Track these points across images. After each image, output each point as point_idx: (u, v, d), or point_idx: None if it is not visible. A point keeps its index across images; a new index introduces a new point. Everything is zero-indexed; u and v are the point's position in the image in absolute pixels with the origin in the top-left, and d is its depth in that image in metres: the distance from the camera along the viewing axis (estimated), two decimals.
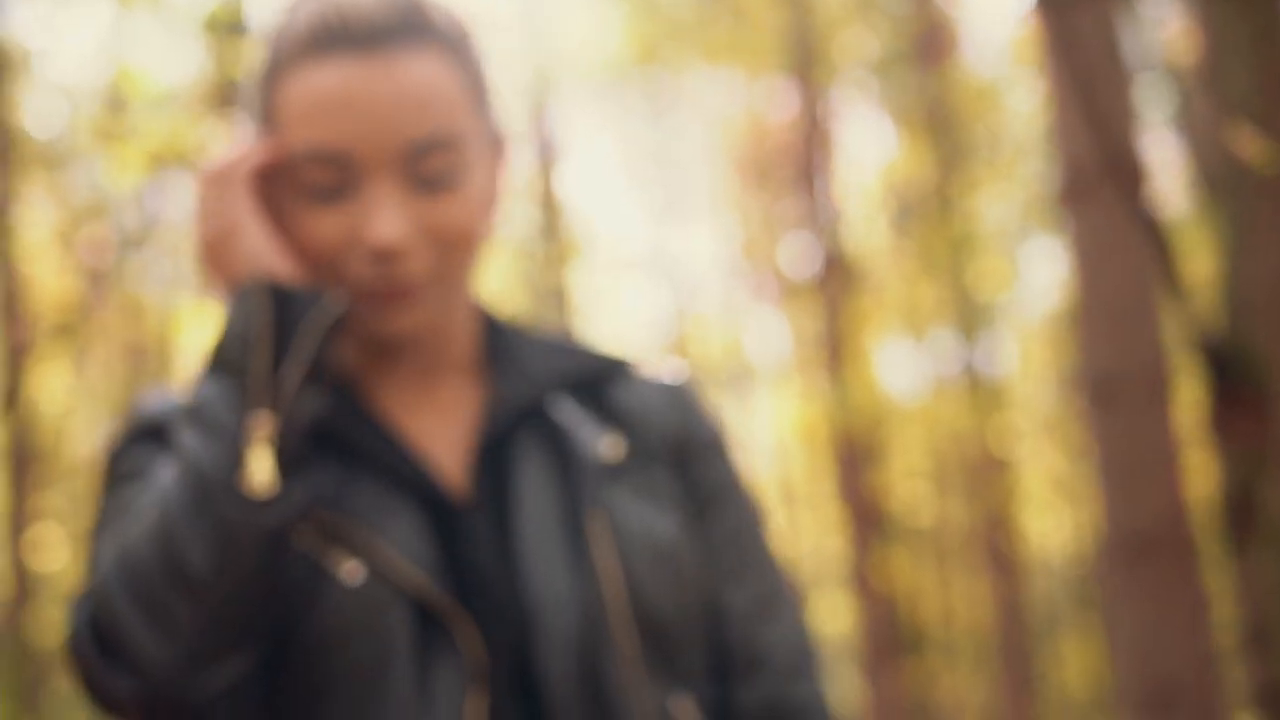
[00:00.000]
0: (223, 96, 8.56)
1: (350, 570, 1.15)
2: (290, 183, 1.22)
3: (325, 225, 1.21)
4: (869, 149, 12.55)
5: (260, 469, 1.13)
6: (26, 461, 7.27)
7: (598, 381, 1.31)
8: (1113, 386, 3.88)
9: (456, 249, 1.24)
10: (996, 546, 10.24)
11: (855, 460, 10.19)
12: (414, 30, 1.24)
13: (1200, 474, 4.98)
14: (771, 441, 14.65)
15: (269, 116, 1.23)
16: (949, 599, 11.94)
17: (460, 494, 1.22)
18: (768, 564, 1.30)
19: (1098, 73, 3.28)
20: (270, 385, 1.16)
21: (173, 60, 8.76)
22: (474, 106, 1.26)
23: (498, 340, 1.31)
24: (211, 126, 8.83)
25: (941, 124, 10.44)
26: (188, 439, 1.15)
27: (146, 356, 9.95)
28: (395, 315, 1.23)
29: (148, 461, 1.21)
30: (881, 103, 11.57)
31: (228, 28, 8.38)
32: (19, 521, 7.05)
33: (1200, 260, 5.16)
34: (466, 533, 1.20)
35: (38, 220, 8.43)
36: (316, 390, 1.18)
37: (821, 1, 10.60)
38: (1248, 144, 2.50)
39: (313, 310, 1.18)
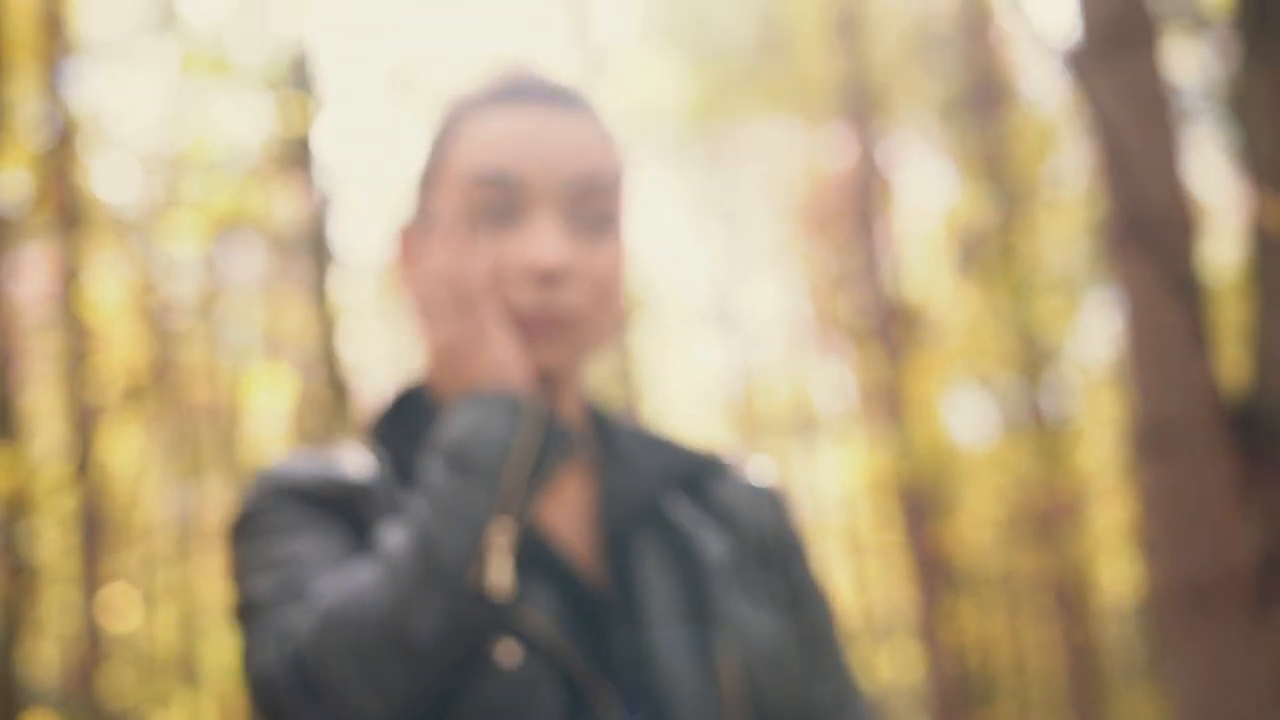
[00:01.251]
0: (289, 156, 8.72)
1: (508, 650, 1.21)
2: (457, 205, 1.29)
3: (487, 247, 1.28)
4: (930, 194, 12.54)
5: (501, 570, 1.21)
6: (98, 524, 7.39)
7: (701, 479, 1.37)
8: (1162, 436, 3.87)
9: (604, 294, 1.31)
10: (1067, 594, 10.13)
11: (921, 509, 10.13)
12: (578, 97, 1.35)
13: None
14: (839, 491, 14.60)
15: (443, 163, 1.31)
16: (1020, 648, 11.80)
17: (596, 581, 1.29)
18: (843, 662, 1.37)
19: (1131, 129, 3.29)
20: (518, 496, 1.24)
21: (238, 121, 8.93)
22: (622, 172, 1.35)
23: (602, 428, 1.37)
24: (278, 187, 8.99)
25: (1002, 168, 10.43)
26: (431, 522, 1.22)
27: (217, 419, 10.10)
28: (548, 346, 1.29)
29: (301, 519, 1.27)
30: (941, 147, 11.58)
31: (292, 85, 8.54)
32: (91, 583, 7.16)
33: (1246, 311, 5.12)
34: (605, 619, 1.26)
35: (109, 285, 8.60)
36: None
37: (878, 47, 10.65)
38: (1271, 206, 2.52)
39: (563, 439, 1.27)
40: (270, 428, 10.06)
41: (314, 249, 8.54)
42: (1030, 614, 11.74)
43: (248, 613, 1.24)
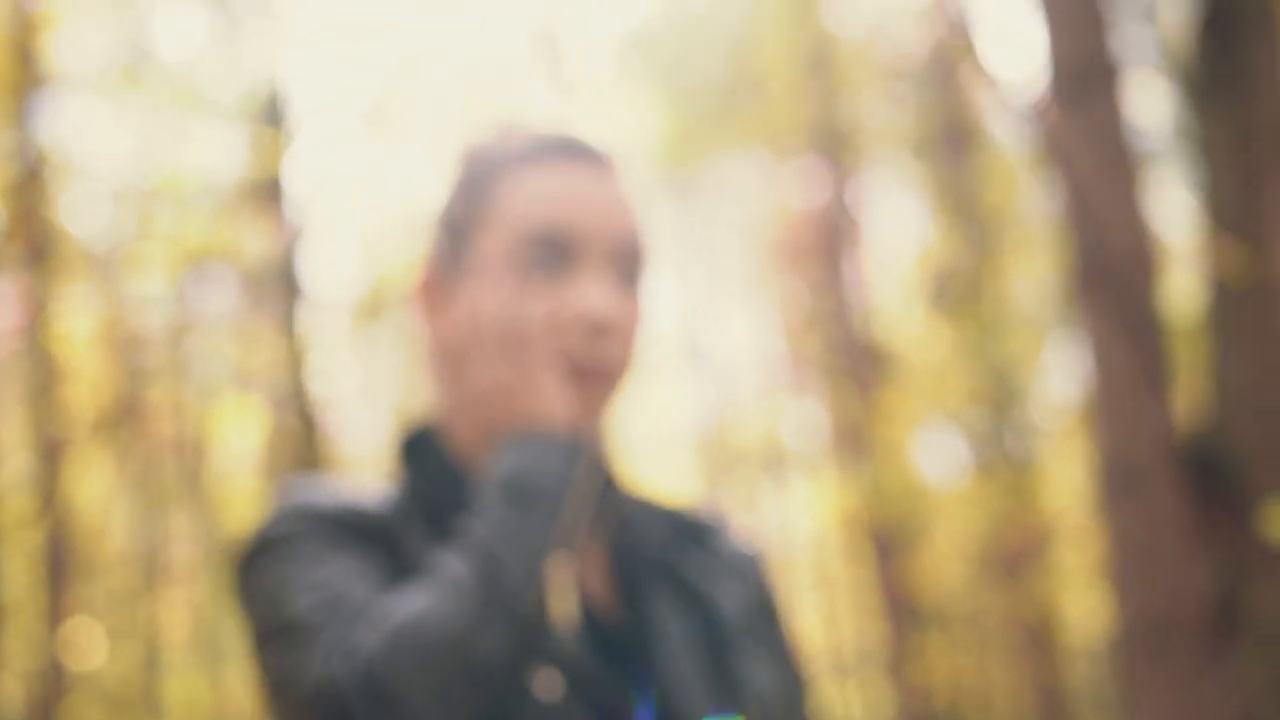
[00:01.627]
0: (260, 191, 8.72)
1: (549, 682, 1.29)
2: (508, 253, 1.37)
3: (539, 296, 1.35)
4: (902, 233, 12.62)
5: (564, 599, 1.31)
6: (64, 559, 7.34)
7: (695, 539, 1.46)
8: (1125, 477, 3.89)
9: (636, 347, 1.40)
10: (1035, 633, 10.14)
11: (890, 547, 10.15)
12: (615, 159, 1.44)
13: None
14: (810, 528, 14.61)
15: (486, 212, 1.38)
16: (989, 686, 11.81)
17: (616, 622, 1.38)
18: None
19: (1094, 174, 3.33)
20: (574, 530, 1.32)
21: (210, 155, 8.93)
22: (647, 231, 1.45)
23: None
24: (249, 222, 8.98)
25: (972, 206, 10.50)
26: (495, 549, 1.28)
27: (184, 453, 10.06)
28: (594, 393, 1.38)
29: (334, 544, 1.33)
30: (911, 185, 11.65)
31: (264, 120, 8.55)
32: (55, 617, 7.11)
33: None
34: (625, 657, 1.34)
35: (78, 318, 8.57)
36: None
37: (848, 85, 10.72)
38: (1228, 253, 2.55)
39: (610, 479, 1.38)
40: (239, 463, 10.02)
41: (284, 284, 8.54)
42: (999, 652, 11.76)
43: (290, 632, 1.28)
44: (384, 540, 1.35)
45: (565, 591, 1.31)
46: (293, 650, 1.28)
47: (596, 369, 1.36)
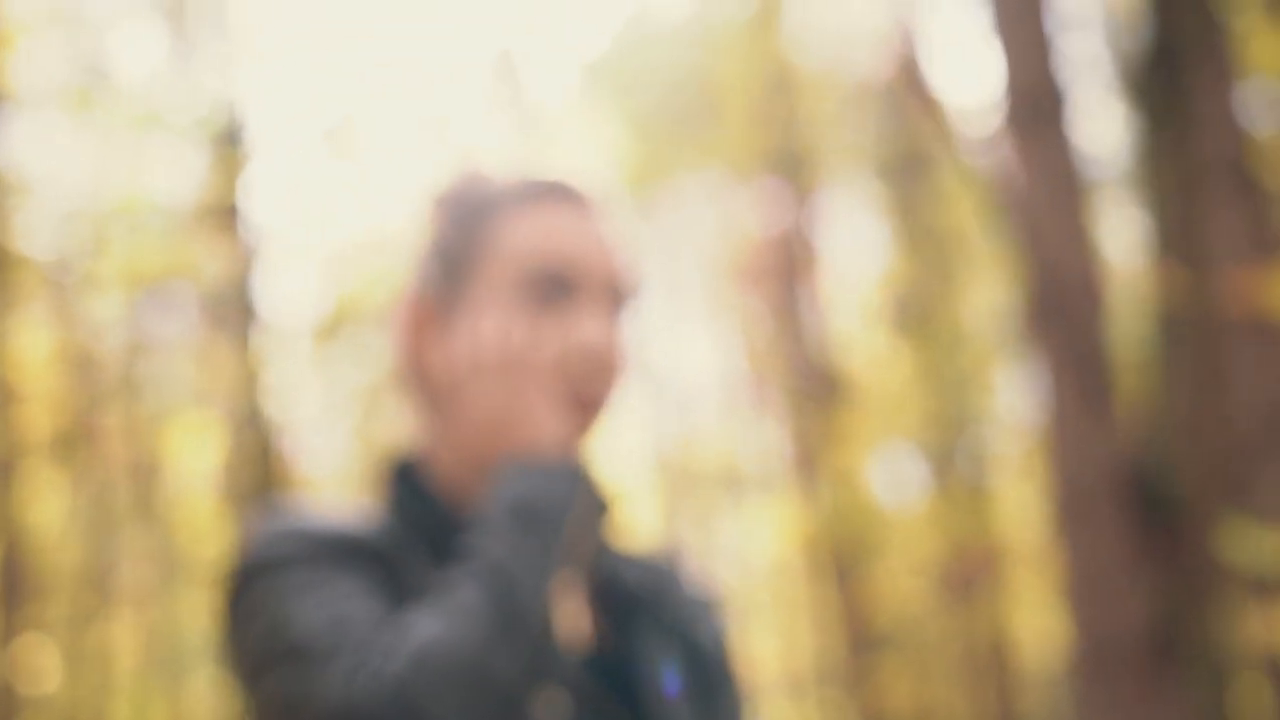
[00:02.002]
0: (217, 212, 8.69)
1: (558, 703, 1.33)
2: (510, 288, 1.43)
3: (540, 327, 1.42)
4: (860, 256, 12.69)
5: (570, 623, 1.36)
6: (16, 580, 7.29)
7: (664, 580, 1.52)
8: (1074, 504, 3.93)
9: (621, 380, 1.46)
10: (991, 654, 10.19)
11: (846, 570, 10.18)
12: (596, 199, 1.50)
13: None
14: (769, 549, 14.65)
15: (484, 248, 1.45)
16: (944, 708, 11.85)
17: (602, 650, 1.44)
18: None
19: (1043, 204, 3.37)
20: (577, 553, 1.37)
21: (167, 176, 8.90)
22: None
23: None
24: (206, 243, 8.95)
25: (931, 230, 10.57)
26: (507, 570, 1.32)
27: (139, 475, 10.01)
28: (589, 421, 1.44)
29: (333, 566, 1.35)
30: (872, 209, 11.72)
31: (222, 141, 8.53)
32: (7, 638, 7.05)
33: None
34: (617, 684, 1.40)
35: (32, 338, 8.52)
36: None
37: (807, 109, 10.78)
38: (1173, 282, 2.59)
39: (606, 505, 1.41)
40: (195, 484, 9.97)
41: (241, 305, 8.51)
42: (955, 674, 11.81)
43: (298, 655, 1.29)
44: (377, 564, 1.38)
45: (571, 615, 1.36)
46: (304, 673, 1.29)
47: (594, 399, 1.43)
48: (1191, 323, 2.86)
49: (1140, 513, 2.83)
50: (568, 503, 1.36)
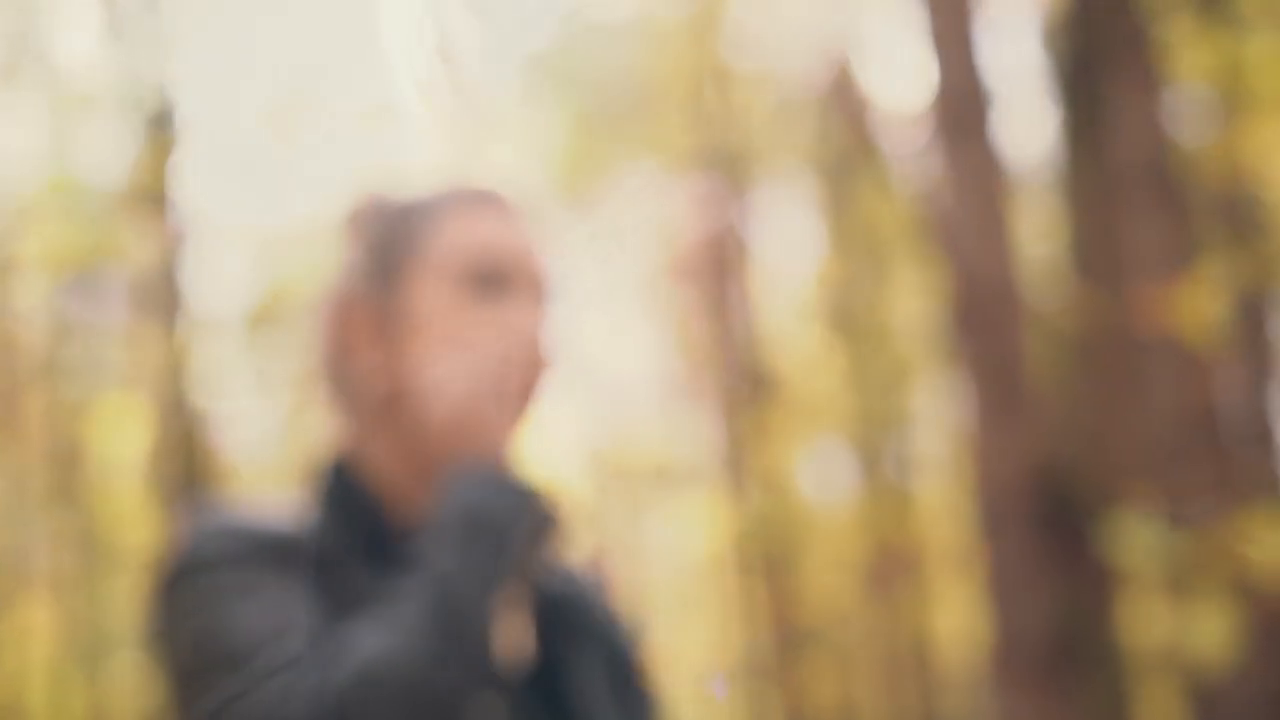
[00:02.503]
0: (146, 196, 8.60)
1: (494, 712, 1.33)
2: (449, 291, 1.45)
3: (488, 329, 1.43)
4: (792, 254, 12.76)
5: (518, 631, 1.35)
6: None
7: (587, 596, 1.53)
8: (991, 507, 3.96)
9: (552, 373, 1.48)
10: (914, 653, 10.27)
11: (773, 566, 10.23)
12: (521, 204, 1.53)
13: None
14: (698, 545, 14.69)
15: (420, 252, 1.47)
16: (868, 706, 11.94)
17: (534, 659, 1.44)
18: None
19: (966, 213, 3.40)
20: (524, 564, 1.36)
21: (94, 159, 8.80)
22: None
23: None
24: (135, 227, 8.85)
25: (863, 231, 10.63)
26: (452, 582, 1.31)
27: (60, 461, 9.89)
28: (515, 420, 1.43)
29: (270, 572, 1.34)
30: (805, 208, 11.78)
31: (152, 124, 8.44)
32: None
33: None
34: (551, 694, 1.42)
35: None
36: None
37: (743, 106, 10.82)
38: (1085, 288, 2.61)
39: (555, 518, 1.41)
40: (119, 472, 9.86)
41: (167, 291, 8.42)
42: (878, 674, 11.90)
43: (231, 663, 1.27)
44: (312, 566, 1.36)
45: (513, 629, 1.35)
46: (237, 683, 1.27)
47: (531, 396, 1.44)
48: (1104, 332, 2.89)
49: (1050, 516, 2.86)
50: (519, 516, 1.35)
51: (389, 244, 1.45)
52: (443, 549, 1.32)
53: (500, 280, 1.45)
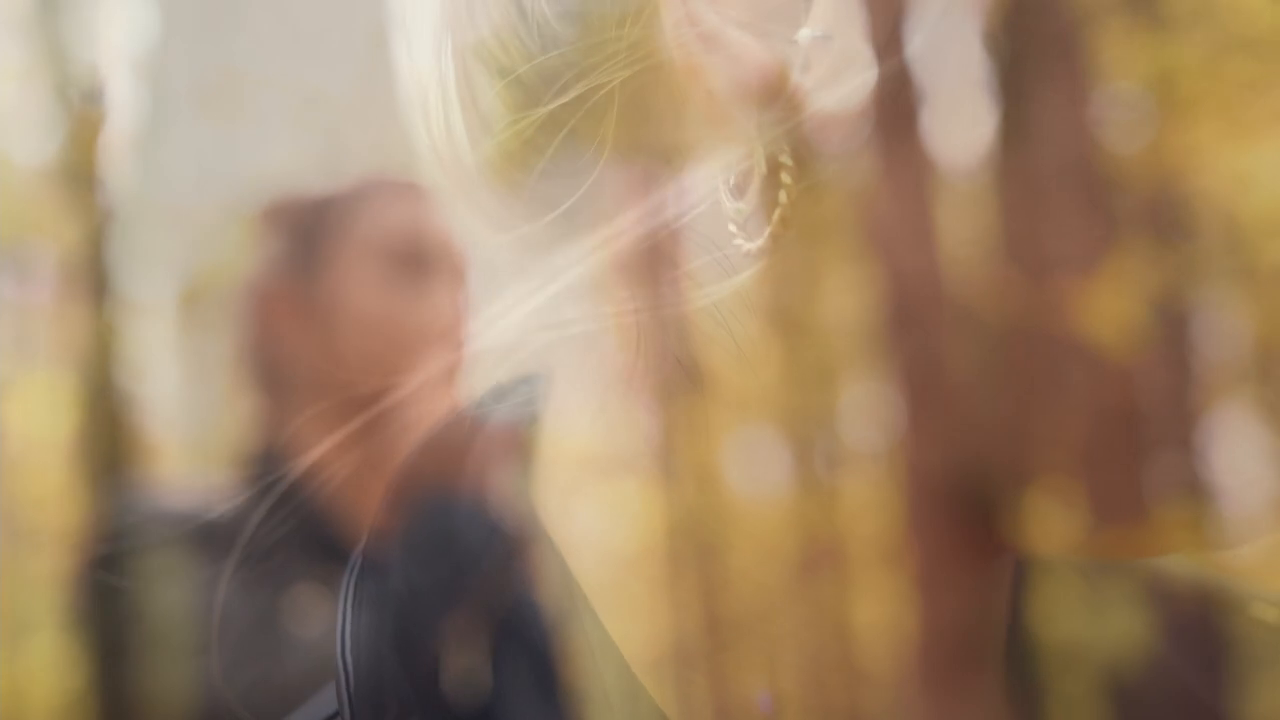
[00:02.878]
0: (75, 173, 8.55)
1: None
2: (377, 272, 1.39)
3: (412, 310, 1.33)
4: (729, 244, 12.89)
5: (466, 644, 1.27)
6: None
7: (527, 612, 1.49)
8: (918, 499, 4.01)
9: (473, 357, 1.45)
10: (840, 648, 10.41)
11: (703, 558, 10.34)
12: (435, 189, 1.48)
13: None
14: (629, 536, 14.84)
15: (344, 233, 1.40)
16: (795, 701, 12.10)
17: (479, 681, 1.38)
18: None
19: (892, 208, 3.44)
20: (483, 581, 1.29)
21: (23, 133, 8.74)
22: None
23: None
24: (62, 205, 8.80)
25: (800, 224, 10.76)
26: (424, 607, 1.28)
27: None
28: (439, 402, 1.39)
29: (205, 560, 1.28)
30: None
31: (85, 98, 8.39)
32: None
33: None
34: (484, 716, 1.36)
35: None
36: None
37: (681, 94, 10.91)
38: (1007, 285, 2.65)
39: (517, 534, 1.38)
40: (41, 451, 9.81)
41: (95, 270, 8.39)
42: (804, 668, 12.05)
43: (165, 644, 1.23)
44: (239, 553, 1.35)
45: (463, 645, 1.34)
46: (173, 667, 1.26)
47: (451, 372, 1.42)
48: (1025, 329, 2.94)
49: (970, 513, 2.91)
50: (485, 534, 1.31)
51: (310, 230, 1.47)
52: (398, 563, 1.29)
53: (423, 261, 1.45)
